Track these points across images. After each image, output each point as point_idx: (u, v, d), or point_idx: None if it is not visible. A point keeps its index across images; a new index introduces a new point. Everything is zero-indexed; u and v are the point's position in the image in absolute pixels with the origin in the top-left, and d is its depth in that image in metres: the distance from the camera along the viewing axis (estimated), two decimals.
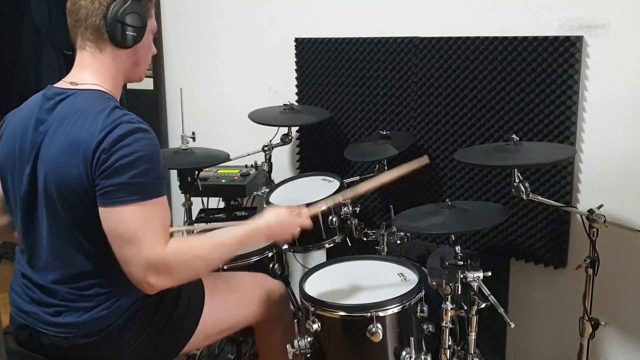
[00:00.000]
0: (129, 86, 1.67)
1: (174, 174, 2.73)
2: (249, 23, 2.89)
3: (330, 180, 2.30)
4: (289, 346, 1.72)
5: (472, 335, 1.79)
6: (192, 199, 2.55)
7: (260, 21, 2.84)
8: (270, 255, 2.03)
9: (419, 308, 1.73)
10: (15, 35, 3.72)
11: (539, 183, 2.14)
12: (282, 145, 2.48)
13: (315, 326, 1.70)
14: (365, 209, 2.58)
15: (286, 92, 2.76)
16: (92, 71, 1.51)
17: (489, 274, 1.69)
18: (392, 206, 2.27)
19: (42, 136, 1.45)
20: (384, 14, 2.45)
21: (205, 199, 2.68)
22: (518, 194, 1.82)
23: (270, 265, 2.03)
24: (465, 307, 1.76)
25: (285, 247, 2.10)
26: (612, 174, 2.05)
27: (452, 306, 1.71)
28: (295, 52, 2.69)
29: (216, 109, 3.09)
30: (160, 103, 3.28)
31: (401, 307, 1.68)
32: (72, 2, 1.49)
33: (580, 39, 2.00)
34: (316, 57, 2.62)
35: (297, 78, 2.72)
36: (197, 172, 2.44)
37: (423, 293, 1.75)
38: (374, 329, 1.62)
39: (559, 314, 2.24)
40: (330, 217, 2.12)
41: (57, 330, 1.47)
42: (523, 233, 2.21)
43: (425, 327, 1.78)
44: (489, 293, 1.70)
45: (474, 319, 1.76)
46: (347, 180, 2.32)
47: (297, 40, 2.68)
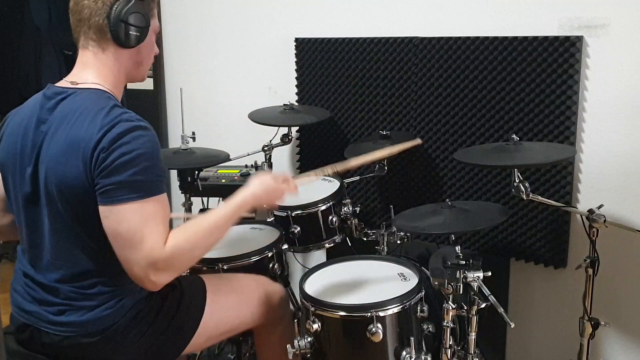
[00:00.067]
0: (128, 86, 1.67)
1: (174, 174, 2.73)
2: (249, 23, 2.89)
3: (331, 180, 2.30)
4: (289, 346, 1.71)
5: (472, 335, 1.78)
6: (192, 199, 2.55)
7: (260, 21, 2.84)
8: (270, 255, 2.03)
9: (419, 308, 1.73)
10: (15, 35, 3.73)
11: (539, 183, 2.14)
12: (282, 145, 2.48)
13: (316, 326, 1.69)
14: (365, 209, 2.58)
15: (286, 92, 2.76)
16: (94, 70, 1.50)
17: (489, 274, 1.69)
18: (392, 206, 2.27)
19: (43, 136, 1.45)
20: (384, 14, 2.45)
21: (205, 199, 2.68)
22: (518, 194, 1.82)
23: (270, 265, 2.03)
24: (465, 307, 1.76)
25: (285, 246, 2.10)
26: (612, 174, 2.05)
27: (453, 306, 1.71)
28: (295, 52, 2.69)
29: (216, 109, 3.09)
30: (160, 103, 3.28)
31: (401, 307, 1.68)
32: (75, 2, 1.49)
33: (580, 39, 2.00)
34: (316, 57, 2.62)
35: (297, 78, 2.72)
36: (197, 172, 2.43)
37: (423, 293, 1.75)
38: (374, 329, 1.62)
39: (559, 314, 2.24)
40: (330, 217, 2.13)
41: (59, 329, 1.47)
42: (523, 233, 2.21)
43: (425, 327, 1.78)
44: (489, 293, 1.70)
45: (474, 319, 1.76)
46: (347, 180, 2.33)
47: (297, 40, 2.68)
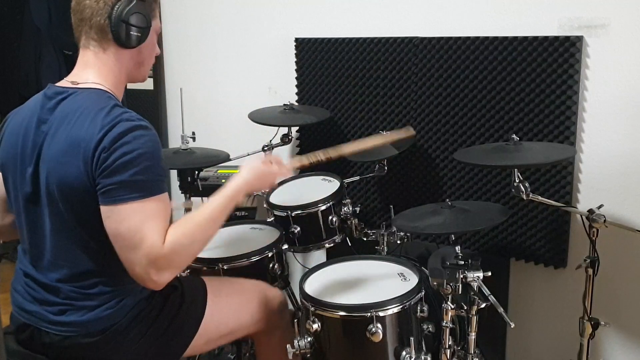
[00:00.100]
0: (129, 86, 1.67)
1: (174, 174, 2.73)
2: (249, 23, 2.89)
3: (331, 180, 2.30)
4: (289, 346, 1.71)
5: (472, 335, 1.78)
6: (192, 199, 2.55)
7: (260, 21, 2.84)
8: (270, 255, 2.03)
9: (419, 308, 1.73)
10: (15, 35, 3.72)
11: (539, 183, 2.14)
12: (282, 145, 2.47)
13: (315, 326, 1.69)
14: (365, 209, 2.58)
15: (286, 92, 2.76)
16: (95, 70, 1.50)
17: (489, 274, 1.69)
18: (392, 206, 2.27)
19: (44, 136, 1.45)
20: (384, 14, 2.45)
21: (205, 199, 2.67)
22: (518, 194, 1.82)
23: (270, 265, 2.02)
24: (465, 307, 1.76)
25: (285, 247, 2.10)
26: (612, 174, 2.05)
27: (452, 306, 1.71)
28: (295, 52, 2.69)
29: (216, 109, 3.09)
30: (160, 103, 3.28)
31: (401, 307, 1.68)
32: (76, 1, 1.49)
33: (580, 39, 2.00)
34: (316, 57, 2.62)
35: (297, 78, 2.72)
36: (197, 172, 2.44)
37: (423, 293, 1.75)
38: (374, 329, 1.62)
39: (559, 314, 2.24)
40: (330, 217, 2.12)
41: (60, 329, 1.47)
42: (523, 233, 2.21)
43: (425, 327, 1.77)
44: (489, 293, 1.69)
45: (474, 319, 1.76)
46: (347, 180, 2.33)
47: (297, 40, 2.68)
